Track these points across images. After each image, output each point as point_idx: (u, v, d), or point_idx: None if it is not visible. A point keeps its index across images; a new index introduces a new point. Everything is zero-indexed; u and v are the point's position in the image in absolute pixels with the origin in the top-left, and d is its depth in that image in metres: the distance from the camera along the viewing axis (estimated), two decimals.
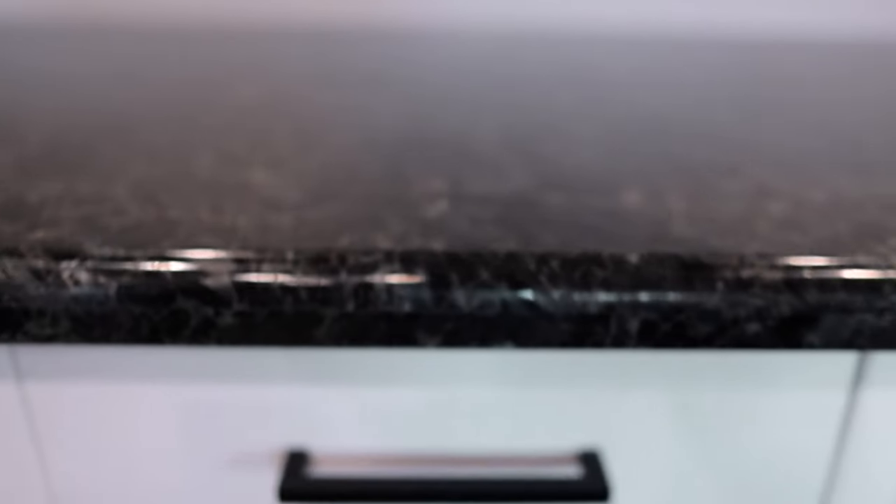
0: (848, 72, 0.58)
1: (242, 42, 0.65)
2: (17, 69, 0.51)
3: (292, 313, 0.23)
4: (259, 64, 0.55)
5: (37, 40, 0.64)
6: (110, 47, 0.61)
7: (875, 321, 0.24)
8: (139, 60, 0.55)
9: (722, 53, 0.64)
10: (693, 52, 0.65)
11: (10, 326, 0.24)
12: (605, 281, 0.23)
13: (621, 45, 0.67)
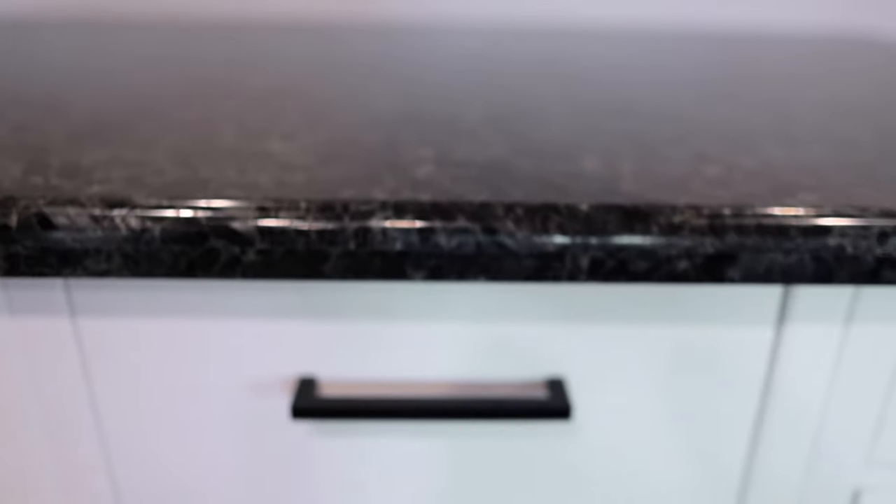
0: (797, 62, 0.63)
1: (255, 37, 0.70)
2: (57, 60, 0.57)
3: (304, 251, 0.29)
4: (270, 56, 0.60)
5: (71, 35, 0.69)
6: (137, 41, 0.66)
7: (784, 259, 0.29)
8: (165, 53, 0.60)
9: (687, 46, 0.69)
10: (661, 45, 0.70)
11: (72, 262, 0.29)
12: (560, 225, 0.29)
13: (598, 40, 0.72)
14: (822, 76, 0.59)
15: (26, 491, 0.38)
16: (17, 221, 0.28)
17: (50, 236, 0.28)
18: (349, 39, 0.70)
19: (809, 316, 0.34)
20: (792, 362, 0.35)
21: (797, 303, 0.34)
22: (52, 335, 0.34)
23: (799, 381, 0.36)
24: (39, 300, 0.33)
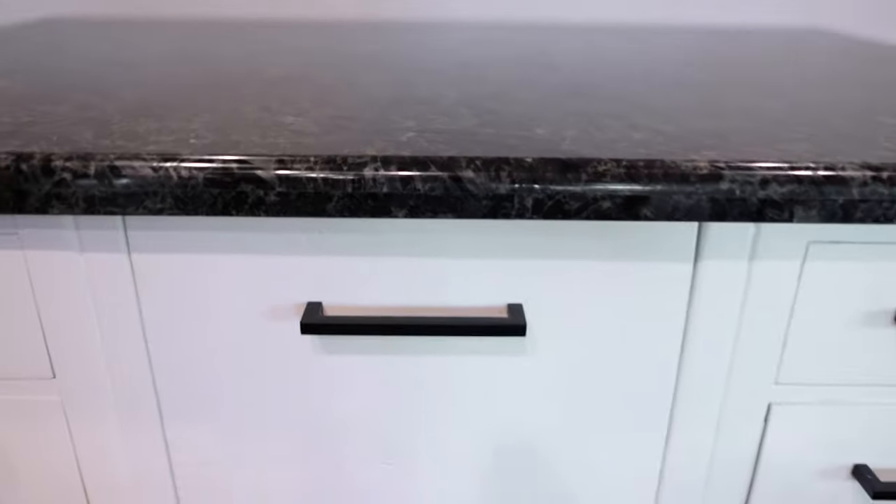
0: (748, 52, 0.71)
1: (270, 34, 0.79)
2: (105, 54, 0.65)
3: (312, 194, 0.37)
4: (283, 50, 0.69)
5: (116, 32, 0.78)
6: (170, 38, 0.75)
7: (686, 201, 0.37)
8: (195, 48, 0.69)
9: (653, 40, 0.77)
10: (628, 39, 0.78)
11: (135, 203, 0.37)
12: (510, 174, 0.37)
13: (571, 35, 0.81)
14: (765, 62, 0.67)
15: (86, 398, 0.46)
16: (94, 171, 0.37)
17: (119, 183, 0.37)
18: (349, 36, 0.79)
19: (719, 254, 0.42)
20: (706, 294, 0.43)
21: (709, 242, 0.42)
22: (111, 267, 0.42)
23: (714, 310, 0.44)
24: (103, 239, 0.41)
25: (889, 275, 0.43)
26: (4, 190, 0.37)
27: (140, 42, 0.77)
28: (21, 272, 0.42)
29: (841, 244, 0.42)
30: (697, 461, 0.49)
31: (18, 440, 0.47)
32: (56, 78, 0.57)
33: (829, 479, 0.49)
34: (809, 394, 0.46)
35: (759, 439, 0.48)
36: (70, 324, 0.44)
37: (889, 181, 0.37)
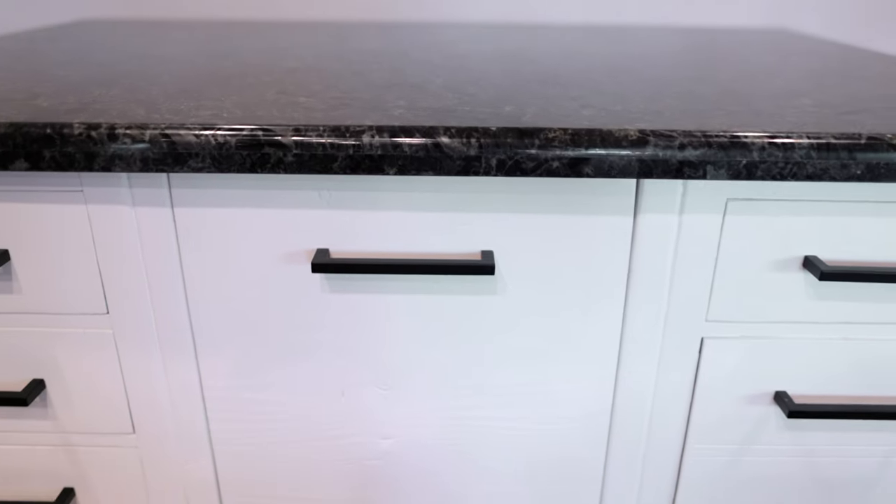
0: (708, 49, 0.81)
1: (285, 32, 0.89)
2: (144, 48, 0.75)
3: (321, 155, 0.46)
4: (296, 46, 0.78)
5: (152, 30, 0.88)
6: (199, 36, 0.85)
7: (619, 161, 0.46)
8: (220, 44, 0.79)
9: (626, 38, 0.86)
10: (604, 37, 0.87)
11: (181, 163, 0.46)
12: (478, 140, 0.46)
13: (549, 34, 0.90)
14: (720, 58, 0.76)
15: (133, 330, 0.55)
16: (148, 137, 0.46)
17: (168, 146, 0.46)
18: (351, 35, 0.89)
19: (654, 209, 0.51)
20: (645, 243, 0.52)
21: (645, 200, 0.51)
22: (157, 220, 0.52)
23: (651, 257, 0.53)
24: (151, 196, 0.51)
25: (797, 227, 0.52)
26: (77, 152, 0.47)
27: (168, 40, 0.86)
28: (84, 224, 0.52)
29: (755, 201, 0.51)
30: (644, 390, 0.58)
31: (76, 366, 0.57)
32: (103, 69, 0.67)
33: (755, 404, 0.58)
34: (734, 329, 0.55)
35: (694, 370, 0.57)
36: (122, 268, 0.53)
37: (783, 146, 0.46)
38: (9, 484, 0.62)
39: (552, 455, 0.60)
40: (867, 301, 0.54)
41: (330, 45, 0.84)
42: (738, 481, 0.61)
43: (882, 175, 0.47)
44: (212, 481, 0.62)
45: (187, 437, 0.60)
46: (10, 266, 0.53)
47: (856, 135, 0.47)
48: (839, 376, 0.57)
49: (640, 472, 0.61)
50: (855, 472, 0.61)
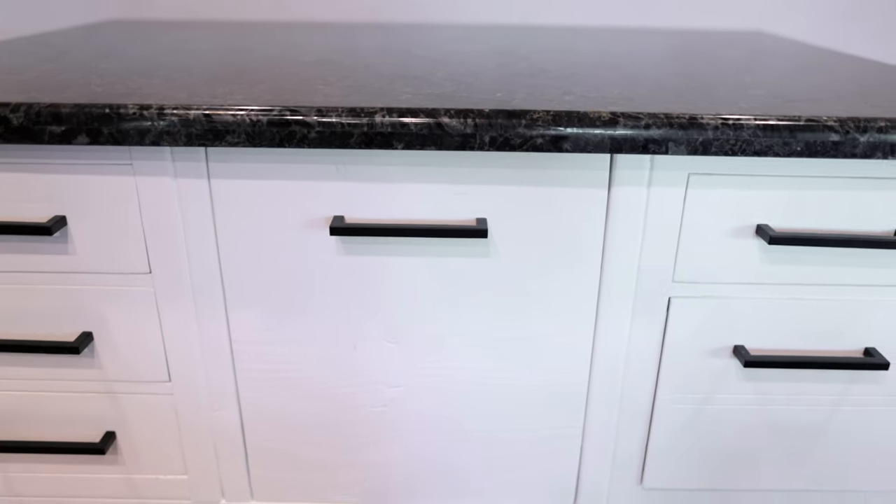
0: (673, 48, 0.88)
1: (303, 31, 0.97)
2: (168, 45, 0.83)
3: (340, 132, 0.54)
4: (313, 43, 0.86)
5: (167, 30, 0.96)
6: (224, 35, 0.93)
7: (594, 139, 0.54)
8: (244, 40, 0.86)
9: (614, 38, 0.94)
10: (588, 38, 0.95)
11: (220, 138, 0.54)
12: (473, 119, 0.54)
13: (542, 34, 0.98)
14: (695, 54, 0.84)
15: (172, 288, 0.63)
16: (192, 117, 0.54)
17: (209, 124, 0.54)
18: (361, 34, 0.97)
19: (625, 183, 0.59)
20: (618, 213, 0.60)
21: (617, 174, 0.59)
22: (196, 190, 0.60)
23: (624, 225, 0.60)
24: (191, 168, 0.59)
25: (751, 199, 0.60)
26: (131, 129, 0.54)
27: (191, 39, 0.95)
28: (132, 193, 0.60)
29: (713, 175, 0.59)
30: (619, 344, 0.65)
31: (121, 320, 0.65)
32: (140, 62, 0.75)
33: (717, 357, 0.65)
34: (697, 290, 0.63)
35: (663, 326, 0.64)
36: (164, 232, 0.61)
37: (733, 126, 0.54)
38: (60, 427, 0.70)
39: (538, 402, 0.68)
40: (813, 265, 0.62)
41: (339, 42, 0.92)
42: (704, 427, 0.69)
43: (818, 152, 0.55)
44: (237, 427, 0.70)
45: (216, 385, 0.68)
46: (66, 230, 0.61)
47: (796, 117, 0.55)
48: (789, 332, 0.65)
49: (616, 418, 0.69)
50: (805, 419, 0.69)
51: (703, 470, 0.71)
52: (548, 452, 0.71)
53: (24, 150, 0.59)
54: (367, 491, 0.73)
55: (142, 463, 0.72)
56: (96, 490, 0.73)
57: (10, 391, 0.68)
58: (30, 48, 0.85)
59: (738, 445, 0.70)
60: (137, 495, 0.74)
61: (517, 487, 0.73)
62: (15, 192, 0.60)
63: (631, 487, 0.73)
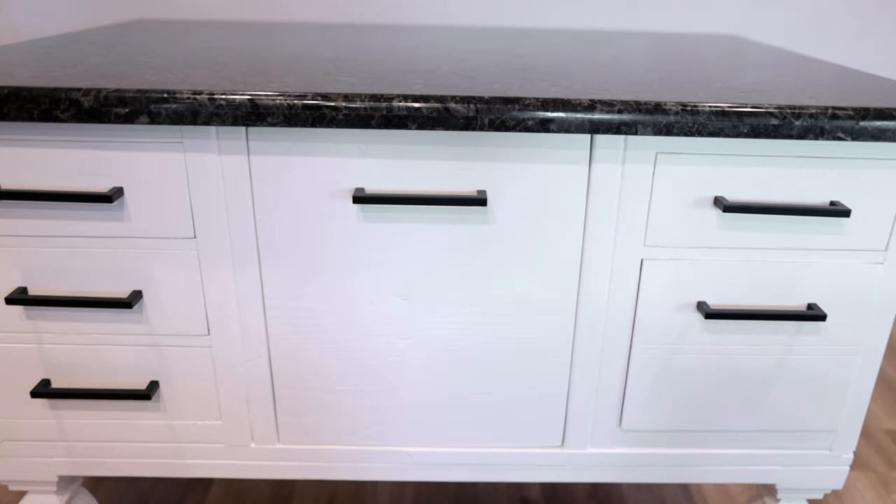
0: (653, 49, 0.99)
1: (316, 32, 1.07)
2: (200, 43, 0.93)
3: (363, 115, 0.64)
4: (332, 43, 0.96)
5: (194, 29, 1.05)
6: (248, 35, 1.03)
7: (576, 122, 0.64)
8: (264, 40, 0.96)
9: (602, 40, 1.05)
10: (578, 40, 1.06)
11: (261, 119, 0.64)
12: (475, 105, 0.64)
13: (538, 36, 1.08)
14: (670, 54, 0.94)
15: (213, 251, 0.73)
16: (238, 101, 0.64)
17: (253, 107, 0.64)
18: (374, 34, 1.07)
19: (604, 159, 0.69)
20: (597, 186, 0.71)
21: (596, 154, 0.69)
22: (237, 165, 0.69)
23: (602, 197, 0.71)
24: (233, 146, 0.68)
25: (709, 174, 0.70)
26: (186, 111, 0.64)
27: (217, 36, 1.04)
28: (181, 168, 0.69)
29: (678, 154, 0.69)
30: (599, 301, 0.76)
31: (168, 279, 0.74)
32: (181, 56, 0.84)
33: (683, 311, 0.76)
34: (665, 253, 0.74)
35: (637, 284, 0.75)
36: (208, 202, 0.71)
37: (691, 111, 0.65)
38: (112, 376, 0.79)
39: (532, 349, 0.78)
40: (763, 231, 0.73)
41: (351, 42, 1.02)
42: (674, 374, 0.79)
43: (762, 133, 0.66)
44: (267, 376, 0.79)
45: (250, 338, 0.77)
46: (123, 200, 0.71)
47: (743, 104, 0.65)
48: (744, 289, 0.75)
49: (598, 367, 0.79)
50: (760, 366, 0.79)
51: (674, 413, 0.82)
52: (539, 398, 0.81)
53: (87, 130, 0.68)
54: (381, 433, 0.83)
55: (181, 410, 0.81)
56: (140, 435, 0.83)
57: (70, 344, 0.77)
58: (73, 45, 0.94)
59: (703, 391, 0.81)
60: (176, 440, 0.83)
61: (512, 431, 0.83)
62: (80, 166, 0.69)
63: (611, 430, 0.83)
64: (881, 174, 0.71)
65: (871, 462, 1.35)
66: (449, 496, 1.22)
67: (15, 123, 0.67)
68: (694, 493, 1.26)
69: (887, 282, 0.75)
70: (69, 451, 0.83)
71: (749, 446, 0.84)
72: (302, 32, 1.14)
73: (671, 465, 0.85)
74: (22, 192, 0.69)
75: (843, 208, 0.70)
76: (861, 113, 0.66)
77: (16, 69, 0.73)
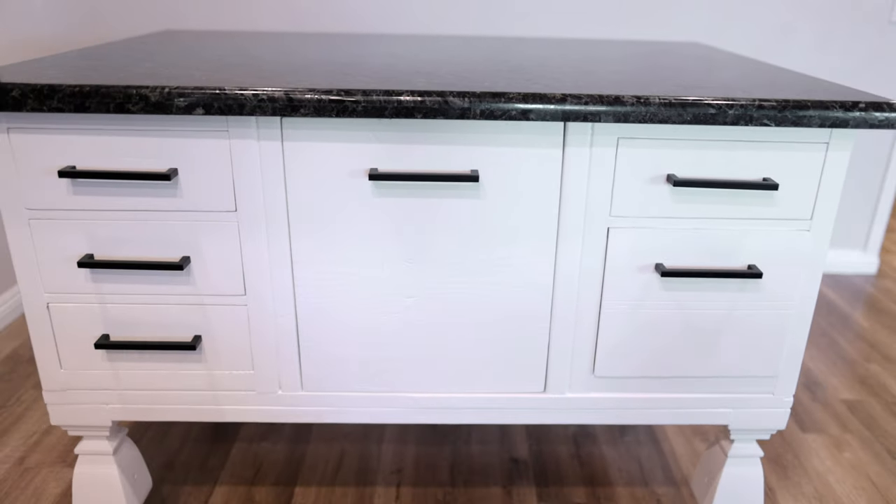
0: (625, 54, 1.15)
1: (327, 41, 1.22)
2: (229, 49, 1.08)
3: (378, 107, 0.78)
4: (340, 49, 1.11)
5: (221, 39, 1.20)
6: (260, 43, 1.17)
7: (551, 112, 0.79)
8: (286, 46, 1.11)
9: (574, 48, 1.20)
10: (559, 47, 1.21)
11: (295, 110, 0.78)
12: (469, 98, 0.78)
13: (523, 44, 1.24)
14: (637, 57, 1.10)
15: (250, 223, 0.87)
16: (276, 95, 0.78)
17: (288, 100, 0.78)
18: (380, 42, 1.22)
19: (575, 143, 0.84)
20: (570, 166, 0.85)
21: (569, 138, 0.84)
22: (272, 149, 0.84)
23: (574, 175, 0.85)
24: (270, 133, 0.83)
25: (663, 155, 0.85)
26: (234, 104, 0.78)
27: (246, 44, 1.19)
28: (226, 152, 0.84)
29: (636, 139, 0.84)
30: (573, 264, 0.90)
31: (212, 246, 0.88)
32: (218, 61, 0.99)
33: (644, 272, 0.90)
34: (627, 222, 0.88)
35: (604, 249, 0.89)
36: (247, 179, 0.85)
37: (644, 102, 0.79)
38: (162, 331, 0.93)
39: (518, 306, 0.93)
40: (708, 203, 0.87)
41: (365, 48, 1.17)
42: (637, 327, 0.94)
43: (702, 121, 0.80)
44: (293, 330, 0.93)
45: (280, 298, 0.91)
46: (177, 179, 0.85)
47: (687, 97, 0.80)
48: (694, 253, 0.90)
49: (573, 322, 0.94)
50: (709, 318, 0.94)
51: (639, 361, 0.96)
52: (524, 349, 0.95)
53: (150, 121, 0.82)
54: (390, 381, 0.97)
55: (219, 361, 0.95)
56: (182, 384, 0.96)
57: (127, 304, 0.91)
58: (120, 52, 1.08)
59: (663, 341, 0.95)
60: (214, 388, 0.96)
61: (502, 378, 0.97)
62: (143, 150, 0.84)
63: (586, 376, 0.97)
64: (805, 155, 0.86)
65: (828, 427, 1.50)
66: (446, 459, 1.36)
67: (93, 115, 0.81)
68: (666, 453, 1.40)
69: (813, 245, 0.90)
70: (122, 399, 0.97)
71: (704, 391, 0.99)
72: (315, 41, 1.29)
73: (638, 408, 0.99)
74: (94, 172, 0.83)
75: (772, 183, 0.85)
76: (782, 104, 0.81)
77: (84, 72, 0.88)
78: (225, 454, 1.37)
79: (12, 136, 0.82)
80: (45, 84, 0.78)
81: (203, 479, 1.29)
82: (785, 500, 1.29)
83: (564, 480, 1.32)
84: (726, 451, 1.04)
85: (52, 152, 0.83)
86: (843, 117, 0.82)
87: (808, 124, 0.82)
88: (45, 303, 0.90)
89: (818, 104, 0.81)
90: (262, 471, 1.32)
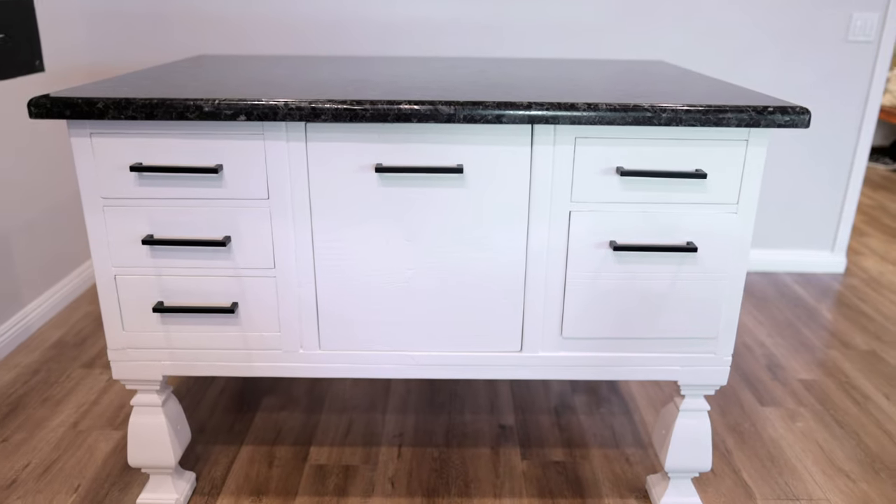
0: (597, 71, 1.35)
1: (332, 62, 1.43)
2: (255, 71, 1.30)
3: (382, 113, 0.99)
4: (346, 69, 1.33)
5: (243, 62, 1.42)
6: (285, 65, 1.39)
7: (519, 116, 0.99)
8: (303, 68, 1.33)
9: (549, 68, 1.41)
10: (537, 65, 1.42)
11: (317, 116, 0.99)
12: (454, 106, 0.99)
13: (504, 64, 1.45)
14: (607, 74, 1.30)
15: (279, 207, 1.07)
16: (302, 105, 0.99)
17: (312, 110, 0.99)
18: (380, 64, 1.44)
19: (541, 142, 1.04)
20: (537, 162, 1.05)
21: (536, 138, 1.04)
22: (298, 148, 1.04)
23: (541, 169, 1.05)
24: (296, 135, 1.03)
25: (613, 151, 1.05)
26: (269, 112, 0.99)
27: (270, 66, 1.41)
28: (261, 150, 1.04)
29: (590, 138, 1.04)
30: (541, 242, 1.10)
31: (248, 228, 1.09)
32: (251, 79, 1.20)
33: (601, 248, 1.09)
34: (585, 206, 1.08)
35: (567, 229, 1.09)
36: (278, 173, 1.05)
37: (594, 107, 0.99)
38: (206, 298, 1.13)
39: (498, 278, 1.12)
40: (652, 191, 1.07)
41: (369, 69, 1.38)
42: (597, 295, 1.13)
43: (641, 122, 1.00)
44: (312, 298, 1.13)
45: (302, 270, 1.11)
46: (222, 173, 1.05)
47: (628, 103, 1.00)
48: (641, 232, 1.09)
49: (543, 289, 1.13)
50: (657, 287, 1.13)
51: (600, 324, 1.15)
52: (504, 314, 1.15)
53: (201, 126, 1.03)
54: (393, 341, 1.16)
55: (252, 324, 1.14)
56: (221, 344, 1.16)
57: (179, 276, 1.11)
58: (170, 73, 1.30)
59: (619, 307, 1.14)
60: (247, 347, 1.16)
61: (485, 338, 1.16)
62: (195, 150, 1.05)
63: (556, 338, 1.16)
64: (728, 150, 1.06)
65: (784, 401, 1.67)
66: (442, 426, 1.55)
67: (157, 122, 1.02)
68: (637, 422, 1.58)
69: (740, 226, 1.09)
70: (172, 357, 1.16)
71: (656, 351, 1.17)
72: (328, 63, 1.51)
73: (601, 365, 1.18)
74: (157, 167, 1.03)
75: (702, 173, 1.04)
76: (706, 108, 1.01)
77: (147, 89, 1.09)
78: (249, 421, 1.56)
79: (94, 139, 1.03)
80: (122, 97, 0.99)
81: (231, 440, 1.48)
82: (741, 460, 1.47)
83: (545, 443, 1.50)
84: (678, 405, 1.22)
85: (124, 152, 1.04)
86: (756, 119, 1.01)
87: (728, 124, 1.02)
88: (113, 275, 1.11)
89: (735, 108, 1.01)
90: (282, 434, 1.52)
